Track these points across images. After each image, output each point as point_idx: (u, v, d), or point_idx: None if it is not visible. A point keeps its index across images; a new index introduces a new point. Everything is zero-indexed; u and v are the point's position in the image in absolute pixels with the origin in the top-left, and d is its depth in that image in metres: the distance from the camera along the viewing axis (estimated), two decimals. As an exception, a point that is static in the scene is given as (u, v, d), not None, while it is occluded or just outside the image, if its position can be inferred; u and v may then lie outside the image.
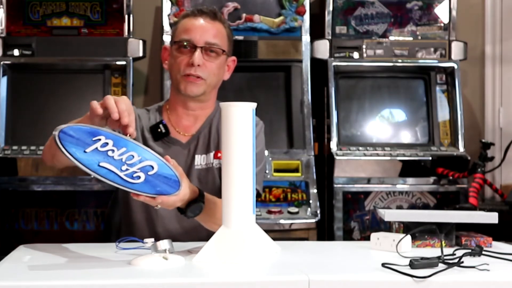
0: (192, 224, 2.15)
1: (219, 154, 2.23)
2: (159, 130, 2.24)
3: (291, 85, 3.67)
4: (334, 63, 3.71)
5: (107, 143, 1.63)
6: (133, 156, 1.65)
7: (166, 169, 1.71)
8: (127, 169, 1.65)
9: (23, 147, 3.42)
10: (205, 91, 2.22)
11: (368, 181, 3.59)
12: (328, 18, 3.76)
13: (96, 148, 1.62)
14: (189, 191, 1.88)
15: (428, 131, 3.77)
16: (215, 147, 2.25)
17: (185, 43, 2.19)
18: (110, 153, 1.63)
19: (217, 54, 2.21)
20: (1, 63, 3.54)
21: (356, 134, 3.76)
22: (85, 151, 1.62)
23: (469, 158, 3.61)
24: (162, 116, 2.29)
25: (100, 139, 1.63)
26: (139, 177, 1.66)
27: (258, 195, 2.19)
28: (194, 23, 2.21)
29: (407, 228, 2.03)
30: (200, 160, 2.24)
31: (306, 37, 3.67)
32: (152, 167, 1.67)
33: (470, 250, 1.84)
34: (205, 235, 2.15)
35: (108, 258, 1.78)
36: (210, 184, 2.21)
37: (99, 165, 1.63)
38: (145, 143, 2.23)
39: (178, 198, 1.79)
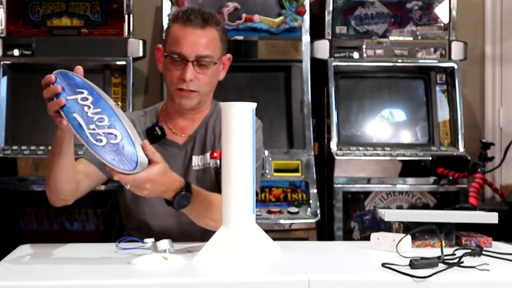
0: (187, 220, 2.17)
1: (215, 154, 2.23)
2: (155, 132, 2.23)
3: (291, 85, 3.67)
4: (334, 63, 3.72)
5: (87, 98, 1.69)
6: (103, 119, 1.68)
7: (130, 145, 1.69)
8: (94, 129, 1.68)
9: (23, 147, 3.42)
10: (200, 101, 2.21)
11: (368, 181, 3.59)
12: (328, 18, 3.76)
13: (77, 99, 1.69)
14: (173, 182, 1.87)
15: (428, 131, 3.77)
16: (211, 147, 2.25)
17: (176, 56, 2.15)
18: (86, 108, 1.69)
19: (209, 65, 2.16)
20: (1, 63, 3.54)
21: (356, 134, 3.76)
22: (67, 98, 1.70)
23: (469, 158, 3.61)
24: (159, 117, 2.29)
25: (82, 92, 1.69)
26: (101, 141, 1.68)
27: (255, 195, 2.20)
28: (184, 34, 2.14)
29: (407, 228, 2.03)
30: (197, 161, 2.23)
31: (306, 37, 3.67)
32: (116, 137, 1.68)
33: (470, 250, 1.84)
34: (200, 232, 2.16)
35: (108, 258, 1.78)
36: (208, 184, 2.20)
37: (73, 115, 1.69)
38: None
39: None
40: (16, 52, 3.58)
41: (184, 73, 2.13)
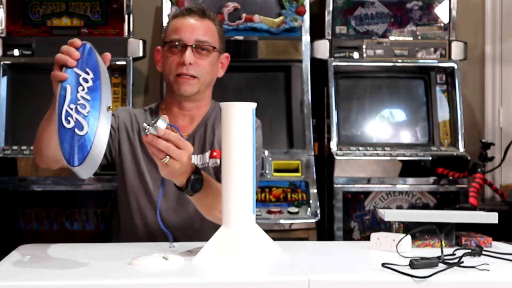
0: (187, 216, 2.17)
1: (214, 154, 2.23)
2: None
3: (291, 85, 3.67)
4: (334, 63, 3.71)
5: (87, 81, 1.66)
6: (85, 107, 1.64)
7: (88, 142, 1.62)
8: (71, 109, 1.62)
9: (23, 147, 3.41)
10: (199, 90, 2.23)
11: (368, 181, 3.59)
12: (328, 18, 3.76)
13: (80, 75, 1.66)
14: (188, 164, 1.85)
15: (428, 131, 3.77)
16: (210, 147, 2.25)
17: (176, 43, 2.20)
18: (80, 88, 1.65)
19: (208, 51, 2.21)
20: (1, 63, 3.54)
21: (356, 134, 3.76)
22: (73, 69, 1.67)
23: (469, 158, 3.61)
24: (158, 116, 2.29)
25: (89, 74, 1.67)
26: (69, 122, 1.61)
27: None
28: (183, 22, 2.21)
29: (407, 228, 2.03)
30: (196, 160, 2.23)
31: (306, 37, 3.67)
32: (82, 129, 1.62)
33: (470, 250, 1.84)
34: (200, 230, 2.16)
35: (108, 258, 1.78)
36: (207, 183, 2.21)
37: (66, 85, 1.65)
38: (142, 142, 2.23)
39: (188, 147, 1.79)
40: (16, 52, 3.57)
41: (183, 57, 2.17)
